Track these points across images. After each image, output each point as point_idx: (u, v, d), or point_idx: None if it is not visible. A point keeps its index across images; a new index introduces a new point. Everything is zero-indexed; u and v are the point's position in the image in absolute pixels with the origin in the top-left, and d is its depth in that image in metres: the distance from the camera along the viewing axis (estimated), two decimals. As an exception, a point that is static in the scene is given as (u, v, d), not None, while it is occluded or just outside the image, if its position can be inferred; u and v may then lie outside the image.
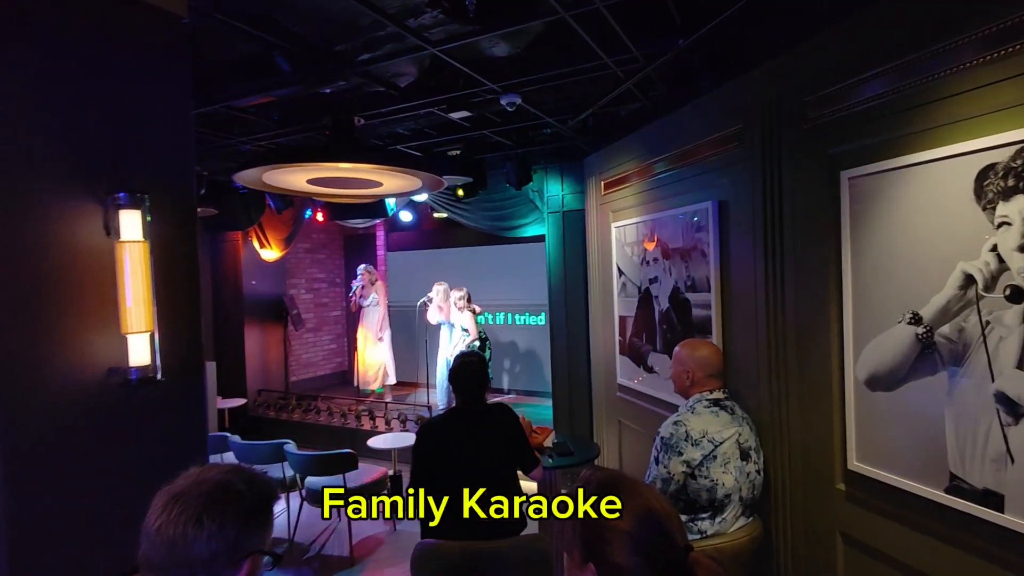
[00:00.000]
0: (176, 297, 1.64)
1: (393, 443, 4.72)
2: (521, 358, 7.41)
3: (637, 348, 3.51)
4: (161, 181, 1.62)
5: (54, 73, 1.47)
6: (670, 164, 3.16)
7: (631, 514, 0.96)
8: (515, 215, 5.26)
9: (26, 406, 1.37)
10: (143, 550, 0.95)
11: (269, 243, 6.84)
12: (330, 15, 2.45)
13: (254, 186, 3.55)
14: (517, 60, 2.95)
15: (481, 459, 2.43)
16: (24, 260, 1.38)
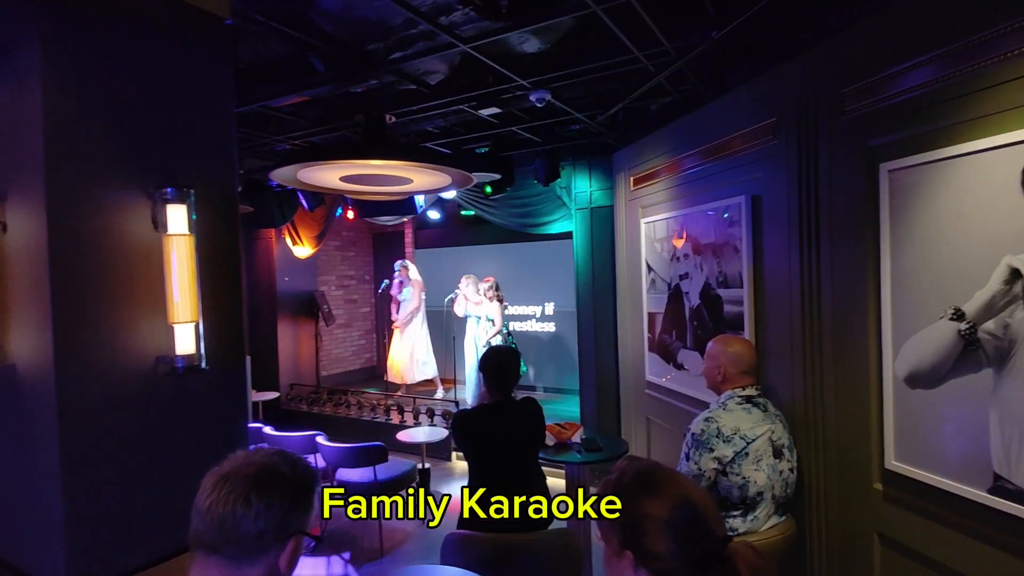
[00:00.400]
0: (219, 289, 1.69)
1: (422, 437, 4.78)
2: (548, 355, 7.41)
3: (666, 345, 3.49)
4: (205, 177, 1.68)
5: (105, 73, 1.53)
6: (701, 159, 3.13)
7: (668, 503, 0.96)
8: (542, 212, 5.26)
9: (82, 391, 1.44)
10: (194, 527, 0.99)
11: (301, 240, 6.99)
12: (363, 15, 2.50)
13: (289, 184, 3.64)
14: (546, 56, 2.96)
15: (511, 453, 2.46)
16: (80, 253, 1.45)
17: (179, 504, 1.58)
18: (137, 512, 1.53)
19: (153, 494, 1.55)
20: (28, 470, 1.52)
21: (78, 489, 1.42)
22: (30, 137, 1.43)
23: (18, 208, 1.51)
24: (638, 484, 1.01)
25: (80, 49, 1.48)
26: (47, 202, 1.40)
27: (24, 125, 1.46)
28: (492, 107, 3.46)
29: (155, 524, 1.56)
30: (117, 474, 1.49)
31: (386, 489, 4.06)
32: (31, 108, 1.43)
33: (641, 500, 0.98)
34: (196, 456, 1.62)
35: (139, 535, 1.53)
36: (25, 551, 1.55)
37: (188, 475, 1.60)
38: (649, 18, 2.41)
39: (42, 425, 1.45)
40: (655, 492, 0.98)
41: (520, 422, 2.52)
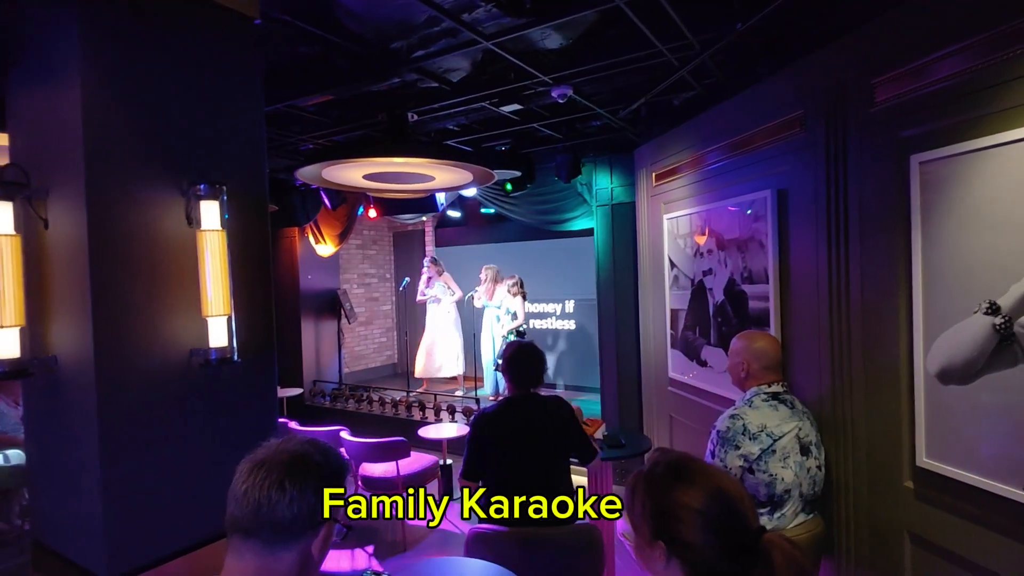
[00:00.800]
0: (250, 283, 1.73)
1: (443, 433, 4.81)
2: (568, 352, 7.40)
3: (690, 342, 3.46)
4: (236, 174, 1.72)
5: (141, 73, 1.58)
6: (725, 153, 3.09)
7: (703, 493, 0.95)
8: (563, 209, 5.26)
9: (120, 382, 1.48)
10: (231, 511, 1.01)
11: (324, 239, 7.07)
12: (387, 13, 2.52)
13: (314, 182, 3.69)
14: (568, 51, 2.96)
15: (536, 450, 2.44)
16: (118, 248, 1.50)
17: (213, 492, 1.63)
18: (173, 499, 1.57)
19: (188, 482, 1.60)
20: (69, 459, 1.57)
21: (117, 477, 1.47)
22: (70, 136, 1.48)
23: (59, 205, 1.56)
24: (671, 474, 1.00)
25: (117, 50, 1.52)
26: (87, 199, 1.45)
27: (64, 125, 1.51)
28: (513, 104, 3.46)
29: (190, 511, 1.60)
30: (153, 463, 1.54)
31: (409, 484, 4.10)
32: (71, 108, 1.48)
33: (675, 490, 0.97)
34: (228, 446, 1.66)
35: (175, 522, 1.57)
36: (69, 538, 1.61)
37: (221, 464, 1.64)
38: (673, 11, 2.39)
39: (82, 415, 1.50)
40: (689, 482, 0.98)
41: (542, 418, 2.50)
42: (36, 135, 1.66)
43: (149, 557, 1.52)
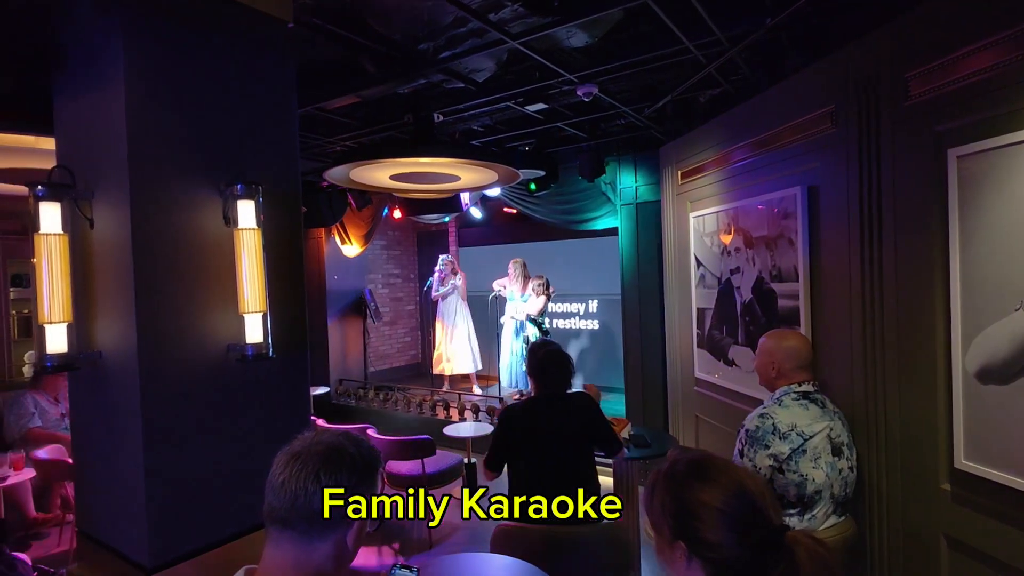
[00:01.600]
0: (284, 281, 1.78)
1: (468, 432, 4.84)
2: (591, 352, 7.38)
3: (717, 341, 3.42)
4: (270, 174, 1.76)
5: (181, 78, 1.63)
6: (753, 150, 3.06)
7: (722, 490, 0.94)
8: (586, 208, 5.24)
9: (161, 376, 1.54)
10: (268, 502, 1.04)
11: (350, 239, 7.17)
12: (415, 15, 2.55)
13: (342, 183, 3.74)
14: (593, 50, 2.95)
15: (563, 450, 2.45)
16: (160, 247, 1.55)
17: (249, 484, 1.67)
18: (212, 491, 1.62)
19: (225, 474, 1.64)
20: (113, 451, 1.63)
21: (159, 468, 1.52)
22: (115, 140, 1.54)
23: (104, 206, 1.62)
24: (691, 473, 0.99)
25: (159, 56, 1.58)
26: (131, 200, 1.51)
27: (109, 128, 1.57)
28: (539, 103, 3.47)
29: (227, 503, 1.65)
30: (193, 455, 1.59)
31: (434, 482, 4.14)
32: (115, 113, 1.54)
33: (694, 489, 0.96)
34: (263, 439, 1.71)
35: (214, 513, 1.62)
36: (113, 529, 1.67)
37: (256, 457, 1.69)
38: (701, 7, 2.37)
39: (125, 408, 1.55)
40: (709, 480, 0.97)
41: (569, 417, 2.50)
42: (82, 138, 1.73)
43: (189, 548, 1.57)
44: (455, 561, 2.15)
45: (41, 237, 1.55)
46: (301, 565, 1.01)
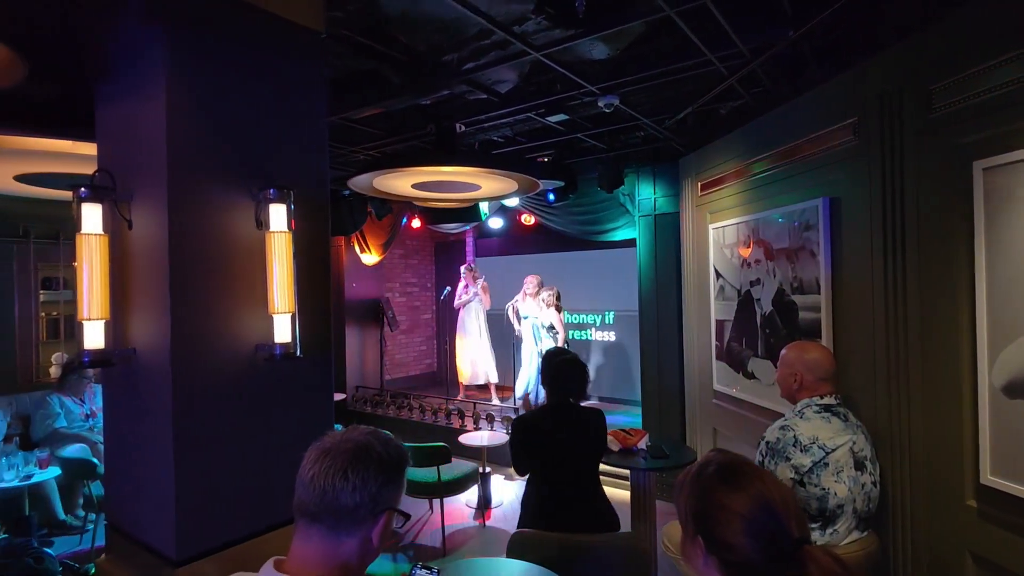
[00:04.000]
0: (310, 284, 1.82)
1: (483, 441, 4.84)
2: (607, 364, 7.35)
3: (736, 353, 3.40)
4: (301, 179, 1.81)
5: (217, 86, 1.69)
6: (774, 162, 3.06)
7: (748, 497, 0.97)
8: (605, 219, 5.26)
9: (193, 374, 1.58)
10: (298, 496, 1.06)
11: (369, 248, 7.26)
12: (440, 27, 2.61)
13: (366, 191, 3.81)
14: (615, 62, 2.99)
15: (574, 457, 2.46)
16: (195, 248, 1.60)
17: (274, 481, 1.70)
18: (239, 487, 1.65)
19: (252, 471, 1.68)
20: (144, 446, 1.67)
21: (188, 464, 1.56)
22: (155, 145, 1.60)
23: (142, 208, 1.68)
24: (720, 476, 1.02)
25: (198, 64, 1.64)
26: (168, 202, 1.56)
27: (149, 134, 1.63)
28: (559, 114, 3.51)
29: (254, 499, 1.68)
30: (221, 451, 1.62)
31: (449, 489, 4.15)
32: (156, 119, 1.60)
33: (720, 492, 0.99)
34: (289, 437, 1.74)
35: (240, 509, 1.65)
36: (142, 522, 1.71)
37: (282, 455, 1.72)
38: (723, 19, 2.39)
39: (158, 404, 1.60)
40: (736, 486, 0.99)
41: (578, 427, 2.50)
42: (122, 143, 1.79)
43: (215, 542, 1.60)
44: (472, 565, 2.16)
45: (83, 237, 1.61)
46: (328, 558, 1.03)
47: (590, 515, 2.45)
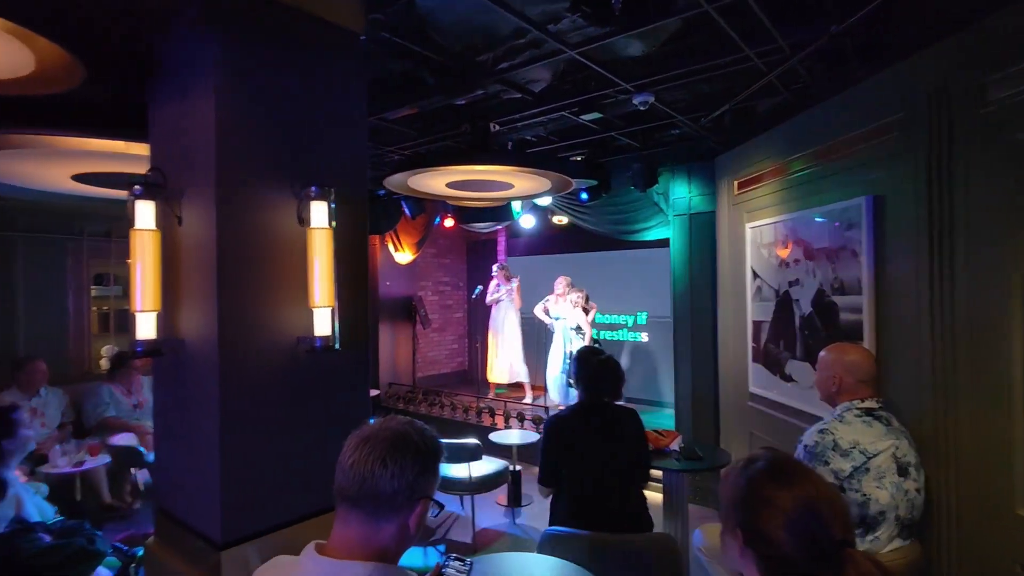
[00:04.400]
0: (349, 279, 1.87)
1: (514, 439, 4.86)
2: (638, 365, 7.27)
3: (773, 355, 3.34)
4: (341, 178, 1.86)
5: (263, 88, 1.75)
6: (815, 160, 2.99)
7: (793, 495, 0.97)
8: (638, 218, 5.22)
9: (238, 365, 1.64)
10: (338, 481, 1.10)
11: (402, 247, 7.36)
12: (475, 27, 2.64)
13: (400, 191, 3.87)
14: (650, 59, 2.97)
15: (608, 457, 2.44)
16: (241, 244, 1.67)
17: (313, 470, 1.75)
18: (279, 475, 1.71)
19: (292, 459, 1.73)
20: (191, 433, 1.75)
21: (233, 451, 1.62)
22: (204, 144, 1.67)
23: (192, 205, 1.75)
24: (769, 471, 1.02)
25: (245, 68, 1.70)
26: (216, 199, 1.62)
27: (199, 134, 1.70)
28: (593, 112, 3.50)
29: (293, 487, 1.73)
30: (264, 440, 1.68)
31: (480, 487, 4.18)
32: (206, 120, 1.66)
33: (768, 487, 0.99)
34: (328, 428, 1.79)
35: (280, 496, 1.71)
36: (189, 506, 1.78)
37: (321, 445, 1.77)
38: (763, 14, 2.35)
39: (205, 394, 1.66)
40: (784, 483, 0.99)
41: (612, 426, 2.49)
42: (173, 143, 1.87)
43: (258, 527, 1.66)
44: (504, 559, 2.18)
45: (136, 232, 1.69)
46: (367, 542, 1.06)
47: (622, 515, 2.43)
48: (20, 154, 2.58)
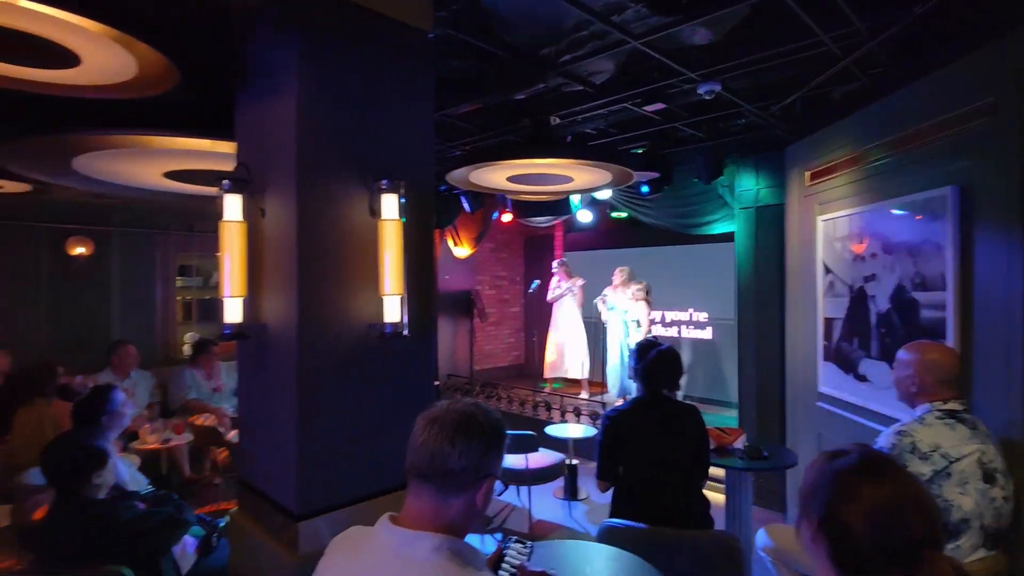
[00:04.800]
0: (416, 268, 1.94)
1: (570, 434, 4.86)
2: (698, 363, 7.10)
3: (846, 354, 3.19)
4: (410, 171, 1.93)
5: (339, 86, 1.84)
6: (893, 148, 2.83)
7: (882, 491, 0.95)
8: (701, 212, 5.09)
9: (315, 349, 1.74)
10: (410, 459, 1.15)
11: (461, 241, 7.49)
12: (539, 21, 2.65)
13: (462, 185, 3.94)
14: (716, 47, 2.89)
15: (667, 452, 2.42)
16: (319, 235, 1.77)
17: (382, 450, 1.84)
18: (350, 453, 1.81)
19: (363, 439, 1.83)
20: (272, 411, 1.87)
21: (309, 429, 1.72)
22: (286, 142, 1.78)
23: (274, 198, 1.87)
24: (862, 464, 1.00)
25: (322, 68, 1.80)
26: (296, 193, 1.73)
27: (281, 132, 1.81)
28: (657, 103, 3.45)
29: (362, 466, 1.83)
30: (337, 419, 1.78)
31: (537, 478, 4.21)
32: (287, 119, 1.77)
33: (856, 479, 0.98)
34: (395, 410, 1.88)
35: (350, 473, 1.80)
36: (268, 480, 1.91)
37: (389, 426, 1.86)
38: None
39: (284, 376, 1.78)
40: (873, 478, 0.97)
41: (672, 421, 2.46)
42: (257, 140, 2.00)
43: (330, 502, 1.76)
44: (564, 545, 2.20)
45: (225, 224, 1.82)
46: (437, 515, 1.11)
47: (681, 512, 2.40)
48: (119, 154, 2.81)
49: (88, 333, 5.53)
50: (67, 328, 5.44)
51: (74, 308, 5.51)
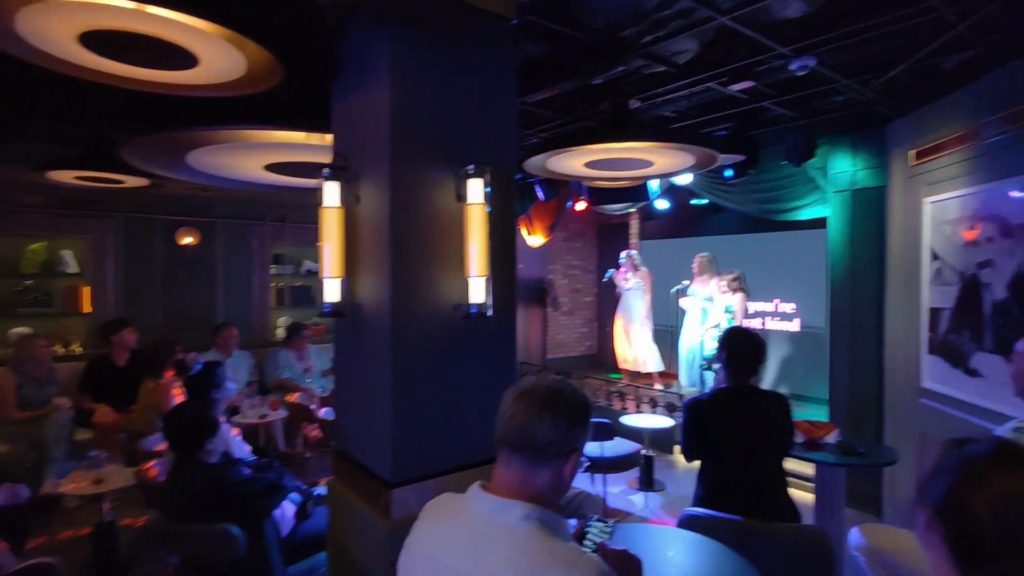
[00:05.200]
0: (499, 252, 1.98)
1: (646, 424, 4.80)
2: (786, 356, 6.76)
3: (955, 346, 2.95)
4: (494, 157, 1.97)
5: (428, 76, 1.91)
6: (1013, 123, 2.57)
7: (1013, 479, 0.88)
8: (790, 196, 4.83)
9: (407, 328, 1.84)
10: (499, 431, 1.20)
11: (535, 230, 7.52)
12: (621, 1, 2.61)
13: (538, 173, 3.97)
14: (810, 19, 2.73)
15: (753, 442, 2.35)
16: (410, 220, 1.85)
17: (468, 425, 1.91)
18: (440, 427, 1.90)
19: (450, 415, 1.91)
20: (367, 386, 1.98)
21: (403, 403, 1.82)
22: (380, 131, 1.87)
23: (368, 185, 1.97)
24: (995, 453, 0.93)
25: (413, 59, 1.87)
26: (390, 180, 1.82)
27: (375, 123, 1.90)
28: (744, 82, 3.30)
29: (450, 439, 1.91)
30: (427, 394, 1.87)
31: (612, 466, 4.20)
32: (381, 109, 1.86)
33: (986, 465, 0.91)
34: (479, 388, 1.94)
35: (439, 447, 1.89)
36: (363, 449, 2.04)
37: (476, 402, 1.93)
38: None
39: (378, 353, 1.88)
40: (1008, 467, 0.90)
41: (760, 413, 2.38)
42: (352, 130, 2.11)
43: (419, 472, 1.85)
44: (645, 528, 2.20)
45: (324, 210, 1.95)
46: (525, 485, 1.15)
47: (769, 503, 2.33)
48: (224, 148, 3.05)
49: (196, 315, 6.06)
50: (178, 310, 5.99)
51: (184, 292, 6.05)
